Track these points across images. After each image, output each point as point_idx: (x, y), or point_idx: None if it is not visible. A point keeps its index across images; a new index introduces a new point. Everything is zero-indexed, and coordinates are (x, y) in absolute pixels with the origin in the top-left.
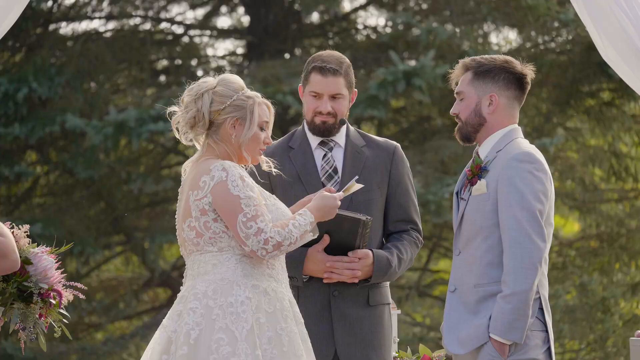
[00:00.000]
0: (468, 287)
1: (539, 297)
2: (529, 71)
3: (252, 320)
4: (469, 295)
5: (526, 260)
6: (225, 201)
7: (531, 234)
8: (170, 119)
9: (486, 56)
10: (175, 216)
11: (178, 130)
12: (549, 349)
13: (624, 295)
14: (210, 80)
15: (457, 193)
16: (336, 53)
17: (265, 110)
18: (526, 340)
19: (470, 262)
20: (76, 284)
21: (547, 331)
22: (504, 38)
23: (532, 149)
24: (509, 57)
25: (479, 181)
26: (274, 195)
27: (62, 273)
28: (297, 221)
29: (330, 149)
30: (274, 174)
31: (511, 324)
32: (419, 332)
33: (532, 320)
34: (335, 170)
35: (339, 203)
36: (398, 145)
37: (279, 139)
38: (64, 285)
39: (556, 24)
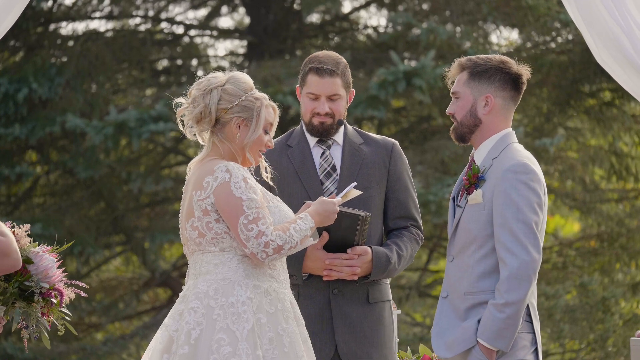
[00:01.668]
0: (459, 295)
1: (527, 305)
2: (525, 71)
3: (253, 320)
4: (460, 302)
5: (522, 272)
6: (227, 203)
7: (527, 245)
8: (176, 110)
9: (482, 56)
10: (179, 215)
11: (183, 123)
12: (536, 350)
13: (624, 295)
14: (221, 77)
15: (453, 198)
16: (332, 53)
17: (271, 113)
18: (514, 342)
19: (463, 270)
20: (77, 282)
21: (534, 333)
22: (504, 38)
23: (527, 159)
24: (505, 57)
25: (475, 190)
26: (277, 197)
27: (62, 272)
28: (298, 225)
29: (329, 147)
30: (270, 184)
31: (500, 332)
32: (419, 332)
33: (520, 325)
34: (333, 168)
35: (338, 209)
36: (396, 142)
37: (277, 138)
38: (65, 284)
39: (556, 24)
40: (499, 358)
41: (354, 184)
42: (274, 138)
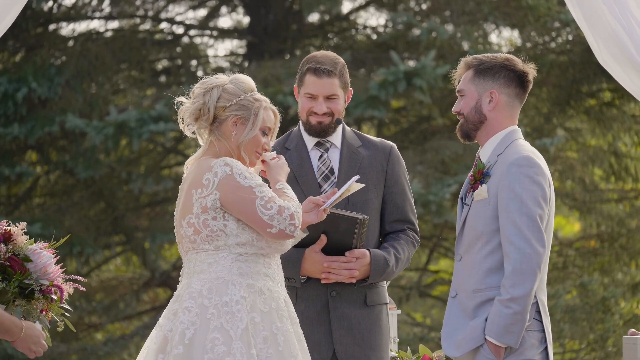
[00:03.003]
0: (467, 293)
1: (537, 301)
2: (531, 70)
3: (247, 319)
4: (468, 300)
5: (525, 266)
6: (236, 194)
7: (531, 239)
8: (177, 109)
9: (488, 54)
10: (174, 213)
11: (183, 121)
12: (546, 349)
13: (624, 295)
14: (223, 78)
15: (461, 199)
16: (330, 53)
17: (270, 116)
18: (522, 341)
19: (470, 268)
20: (76, 277)
21: (544, 331)
22: (504, 38)
23: (532, 153)
24: (510, 55)
25: (480, 186)
26: None
27: (60, 268)
28: (288, 193)
29: (327, 150)
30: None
31: (507, 328)
32: (419, 332)
33: (529, 322)
34: (331, 171)
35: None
36: (394, 145)
37: (275, 140)
38: (63, 279)
39: (556, 24)
40: (507, 357)
41: (356, 177)
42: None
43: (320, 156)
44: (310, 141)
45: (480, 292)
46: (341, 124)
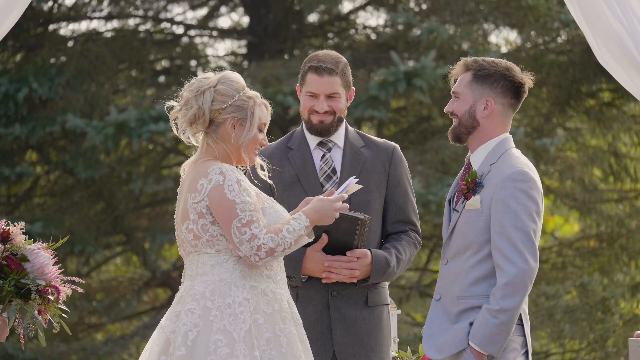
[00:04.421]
0: (451, 298)
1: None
2: (528, 80)
3: (250, 321)
4: (452, 306)
5: (518, 280)
6: (220, 206)
7: (525, 254)
8: (169, 113)
9: (488, 59)
10: (174, 216)
11: (176, 126)
12: (526, 352)
13: (624, 295)
14: (212, 77)
15: (449, 201)
16: (332, 52)
17: (264, 112)
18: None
19: (456, 274)
20: (74, 278)
21: (525, 336)
22: (504, 38)
23: (526, 166)
24: (510, 64)
25: (473, 196)
26: (271, 198)
27: (59, 269)
28: (292, 226)
29: (329, 150)
30: (268, 182)
31: (491, 338)
32: (419, 332)
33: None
34: (333, 171)
35: (338, 206)
36: (397, 145)
37: (278, 140)
38: (61, 280)
39: (556, 24)
40: (490, 359)
41: (354, 178)
42: (275, 140)
43: (323, 156)
44: (312, 141)
45: (464, 300)
46: (344, 124)
